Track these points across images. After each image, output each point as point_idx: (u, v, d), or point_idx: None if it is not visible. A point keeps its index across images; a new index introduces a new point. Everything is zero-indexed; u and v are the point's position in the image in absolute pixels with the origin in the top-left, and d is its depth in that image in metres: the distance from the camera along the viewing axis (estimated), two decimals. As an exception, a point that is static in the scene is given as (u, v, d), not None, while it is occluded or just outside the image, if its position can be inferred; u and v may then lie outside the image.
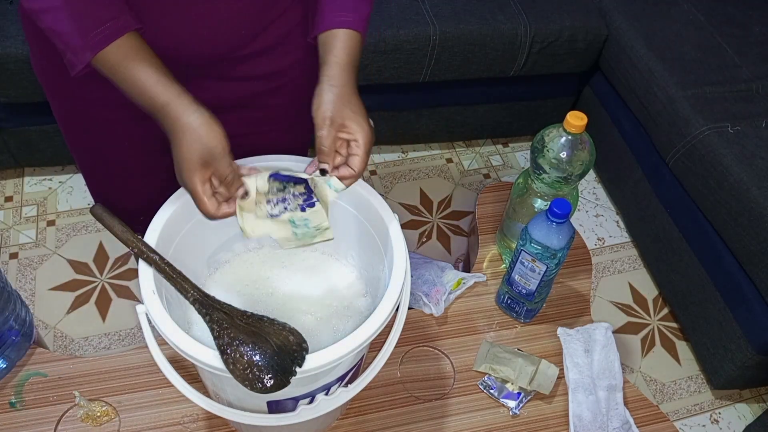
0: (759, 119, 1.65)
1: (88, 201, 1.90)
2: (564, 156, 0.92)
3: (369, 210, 0.78)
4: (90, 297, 1.70)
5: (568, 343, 0.99)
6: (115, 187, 1.02)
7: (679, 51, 1.81)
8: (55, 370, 0.90)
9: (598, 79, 2.03)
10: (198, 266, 0.83)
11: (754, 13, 1.95)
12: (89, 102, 0.86)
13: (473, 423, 0.92)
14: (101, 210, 0.71)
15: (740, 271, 1.54)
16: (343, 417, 0.90)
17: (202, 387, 0.81)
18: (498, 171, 2.17)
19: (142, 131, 0.89)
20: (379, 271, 0.79)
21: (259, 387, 0.61)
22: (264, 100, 0.93)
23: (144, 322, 0.68)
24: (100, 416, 0.86)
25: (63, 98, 0.89)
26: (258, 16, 0.82)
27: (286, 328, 0.66)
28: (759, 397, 1.72)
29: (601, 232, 2.03)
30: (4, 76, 1.57)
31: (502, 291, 1.02)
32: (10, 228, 1.82)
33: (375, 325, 0.66)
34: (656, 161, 1.80)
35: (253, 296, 0.82)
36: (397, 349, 0.97)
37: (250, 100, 0.92)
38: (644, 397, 0.97)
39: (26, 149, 1.81)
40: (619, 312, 1.84)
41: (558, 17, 1.85)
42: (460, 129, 2.12)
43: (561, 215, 0.86)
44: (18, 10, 0.83)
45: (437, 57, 1.79)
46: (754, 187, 1.48)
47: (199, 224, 0.78)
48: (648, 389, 1.69)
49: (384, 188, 2.05)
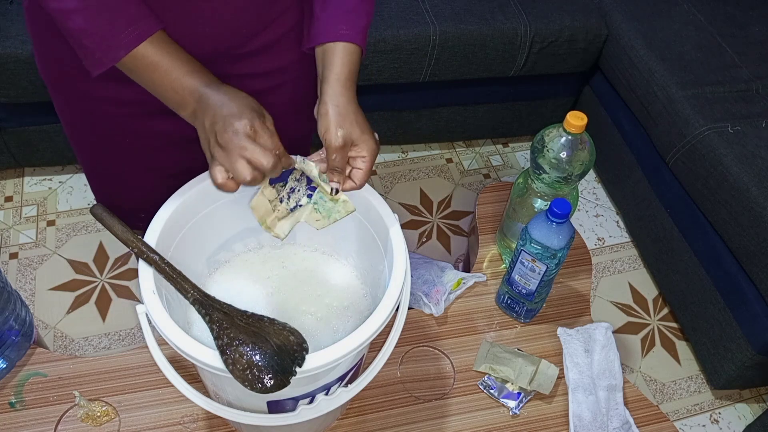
0: (759, 119, 1.65)
1: (88, 201, 1.90)
2: (564, 156, 0.92)
3: (369, 210, 0.78)
4: (90, 297, 1.70)
5: (568, 343, 0.99)
6: (116, 184, 1.02)
7: (679, 51, 1.81)
8: (55, 370, 0.90)
9: (598, 79, 2.03)
10: (198, 266, 0.83)
11: (754, 13, 1.95)
12: (93, 99, 0.87)
13: (473, 423, 0.92)
14: (101, 210, 0.70)
15: (740, 271, 1.54)
16: (343, 417, 0.90)
17: (202, 387, 0.81)
18: (498, 171, 2.17)
19: (145, 128, 0.90)
20: (379, 271, 0.79)
21: (259, 387, 0.61)
22: (263, 98, 0.93)
23: (144, 322, 0.68)
24: (100, 416, 0.86)
25: (66, 95, 0.89)
26: (259, 14, 0.82)
27: (286, 328, 0.66)
28: (759, 397, 1.72)
29: (601, 232, 2.03)
30: (4, 76, 1.58)
31: (502, 291, 1.02)
32: (10, 228, 1.82)
33: (375, 325, 0.66)
34: (656, 161, 1.80)
35: (253, 296, 0.82)
36: (397, 349, 0.97)
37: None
38: (644, 397, 0.97)
39: (26, 149, 1.81)
40: (619, 312, 1.84)
41: (558, 17, 1.85)
42: (460, 129, 2.12)
43: (561, 215, 0.86)
44: (24, 7, 0.84)
45: (437, 57, 1.79)
46: (754, 187, 1.48)
47: (199, 224, 0.79)
48: (648, 389, 1.69)
49: (384, 188, 2.05)
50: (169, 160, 0.95)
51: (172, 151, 0.94)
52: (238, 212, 0.81)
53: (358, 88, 0.79)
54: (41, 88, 1.62)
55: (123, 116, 0.88)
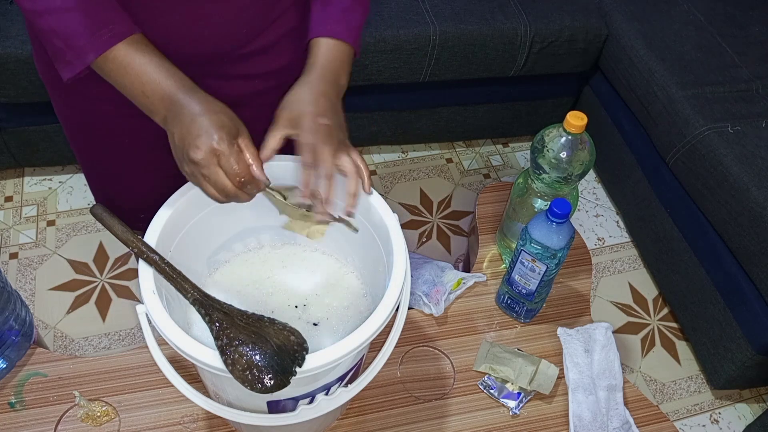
0: (759, 119, 1.65)
1: (88, 201, 1.90)
2: (564, 156, 0.92)
3: (369, 210, 0.78)
4: (90, 297, 1.70)
5: (568, 343, 0.99)
6: (116, 184, 1.02)
7: (679, 51, 1.81)
8: (55, 370, 0.90)
9: (598, 79, 2.03)
10: (198, 266, 0.83)
11: (754, 13, 1.95)
12: (91, 99, 0.87)
13: (473, 423, 0.92)
14: (101, 210, 0.70)
15: (740, 271, 1.54)
16: (343, 417, 0.90)
17: (202, 387, 0.81)
18: (498, 171, 2.17)
19: (144, 128, 0.89)
20: (379, 271, 0.79)
21: (259, 387, 0.61)
22: (262, 99, 0.94)
23: (144, 322, 0.68)
24: (100, 416, 0.86)
25: (65, 95, 0.89)
26: (259, 15, 0.82)
27: (287, 329, 0.66)
28: (759, 397, 1.72)
29: (601, 232, 2.03)
30: (4, 76, 1.58)
31: (502, 291, 1.02)
32: (10, 228, 1.82)
33: (375, 325, 0.66)
34: (656, 161, 1.80)
35: (253, 296, 0.82)
36: (397, 349, 0.97)
37: (249, 99, 0.92)
38: (644, 397, 0.97)
39: (26, 149, 1.81)
40: (619, 312, 1.84)
41: (558, 17, 1.85)
42: (460, 129, 2.12)
43: (561, 215, 0.86)
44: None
45: (437, 57, 1.79)
46: (754, 187, 1.48)
47: (200, 224, 0.79)
48: (648, 389, 1.69)
49: (384, 188, 2.05)
50: (168, 159, 0.95)
51: (170, 151, 0.94)
52: (238, 212, 0.81)
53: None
54: (41, 88, 1.61)
55: (121, 116, 0.88)
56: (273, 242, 0.87)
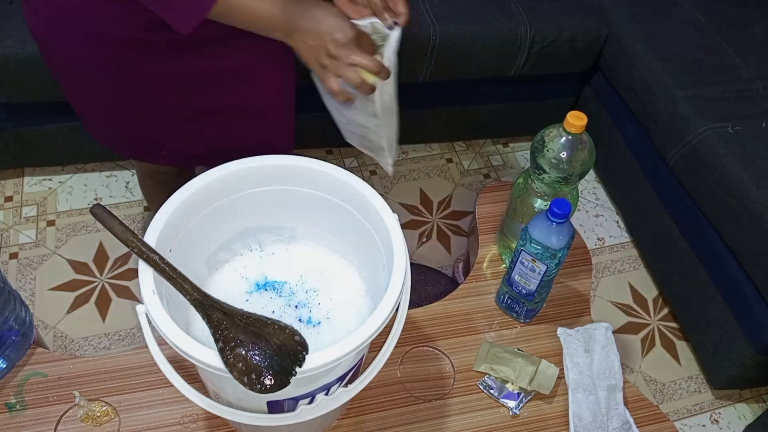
0: (759, 119, 1.65)
1: (88, 201, 1.90)
2: (564, 156, 0.92)
3: (369, 210, 0.78)
4: (90, 297, 1.70)
5: (568, 343, 0.99)
6: (133, 126, 1.04)
7: (679, 51, 1.81)
8: (55, 370, 0.90)
9: (598, 79, 2.03)
10: (198, 266, 0.83)
11: (754, 13, 1.95)
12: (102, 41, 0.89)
13: (473, 423, 0.92)
14: (101, 210, 0.70)
15: (740, 271, 1.54)
16: (343, 417, 0.90)
17: (202, 387, 0.81)
18: (498, 171, 2.17)
19: (151, 70, 0.93)
20: (379, 270, 0.79)
21: (259, 387, 0.61)
22: (264, 68, 0.98)
23: (144, 322, 0.68)
24: (100, 416, 0.86)
25: (72, 39, 0.91)
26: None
27: (287, 329, 0.66)
28: (759, 397, 1.72)
29: (601, 232, 2.03)
30: (4, 76, 1.57)
31: (502, 291, 1.02)
32: (10, 228, 1.82)
33: (375, 325, 0.66)
34: (656, 161, 1.80)
35: (253, 296, 0.82)
36: (397, 349, 0.97)
37: (250, 71, 0.97)
38: (644, 397, 0.97)
39: (26, 149, 1.81)
40: (619, 312, 1.84)
41: (558, 17, 1.85)
42: (460, 129, 2.12)
43: (561, 215, 0.86)
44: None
45: (437, 57, 1.79)
46: (754, 187, 1.48)
47: (199, 224, 0.79)
48: (648, 389, 1.69)
49: (384, 188, 2.05)
50: (179, 100, 0.99)
51: (180, 92, 0.97)
52: (239, 212, 0.81)
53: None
54: (42, 87, 1.62)
55: (132, 60, 0.91)
56: (273, 242, 0.88)
